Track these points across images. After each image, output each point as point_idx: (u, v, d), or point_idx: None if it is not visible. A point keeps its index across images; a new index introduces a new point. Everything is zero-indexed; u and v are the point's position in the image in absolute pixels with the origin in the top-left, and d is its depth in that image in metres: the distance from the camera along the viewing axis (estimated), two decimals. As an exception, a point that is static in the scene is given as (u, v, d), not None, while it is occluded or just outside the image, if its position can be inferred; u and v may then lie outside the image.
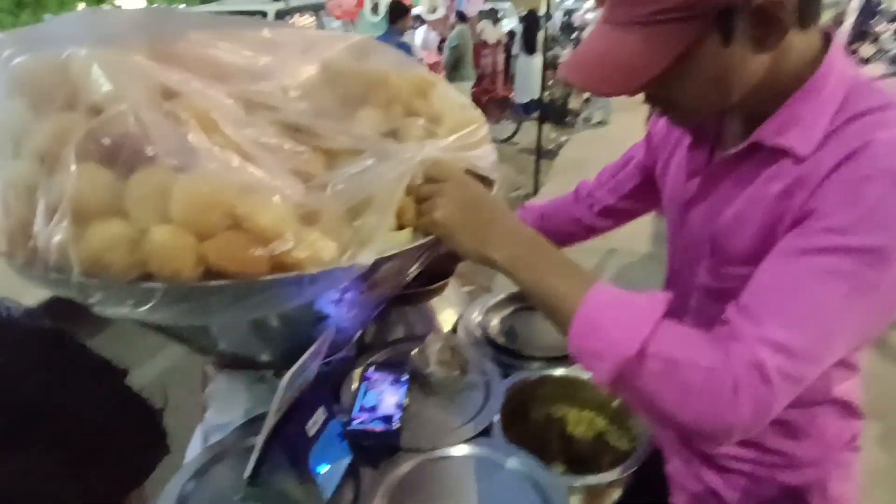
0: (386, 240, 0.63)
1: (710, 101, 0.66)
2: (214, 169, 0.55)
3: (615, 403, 0.97)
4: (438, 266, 1.13)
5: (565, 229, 1.13)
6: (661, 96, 0.67)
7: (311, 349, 0.67)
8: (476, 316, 1.14)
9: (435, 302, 1.15)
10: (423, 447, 0.83)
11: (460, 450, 0.84)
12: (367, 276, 0.65)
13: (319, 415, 0.74)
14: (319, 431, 0.73)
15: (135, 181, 0.52)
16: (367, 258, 0.58)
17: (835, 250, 0.57)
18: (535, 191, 4.87)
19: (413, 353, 0.98)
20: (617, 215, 1.10)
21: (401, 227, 0.73)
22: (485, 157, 0.88)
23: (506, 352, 1.05)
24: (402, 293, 1.11)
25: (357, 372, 0.98)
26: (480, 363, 1.00)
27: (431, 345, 0.97)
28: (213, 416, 0.87)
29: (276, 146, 0.66)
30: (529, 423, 1.00)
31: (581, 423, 1.00)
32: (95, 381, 0.32)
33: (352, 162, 0.75)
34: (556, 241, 1.05)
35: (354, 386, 0.94)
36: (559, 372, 1.01)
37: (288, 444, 0.69)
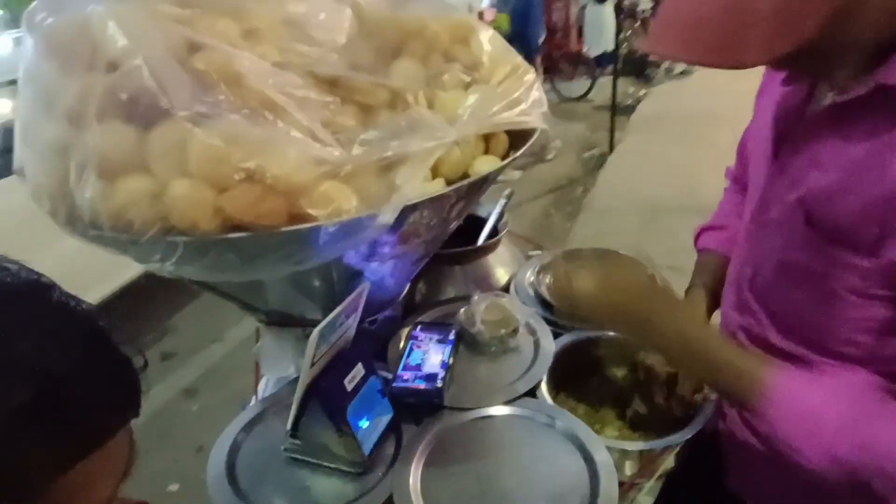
0: (413, 190, 0.60)
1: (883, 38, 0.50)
2: (232, 121, 0.54)
3: (672, 369, 0.90)
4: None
5: None
6: (823, 47, 0.50)
7: (344, 304, 0.67)
8: (529, 275, 1.10)
9: (487, 261, 1.11)
10: (466, 406, 0.82)
11: (504, 410, 0.82)
12: (396, 227, 0.63)
13: (358, 371, 0.74)
14: (358, 387, 0.74)
15: (154, 136, 0.53)
16: (388, 210, 0.55)
17: None
18: (611, 149, 4.65)
19: (460, 312, 0.96)
20: None
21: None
22: (531, 108, 0.82)
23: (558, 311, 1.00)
24: (451, 252, 1.09)
25: (404, 331, 0.97)
26: (530, 323, 0.97)
27: (478, 304, 0.95)
28: (265, 372, 0.90)
29: (304, 97, 0.65)
30: (582, 386, 0.95)
31: (636, 387, 0.94)
32: (46, 325, 0.31)
33: (388, 116, 0.73)
34: None
35: (401, 345, 0.94)
36: (613, 333, 0.95)
37: (325, 398, 0.70)
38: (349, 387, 0.72)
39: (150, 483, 2.00)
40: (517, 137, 0.84)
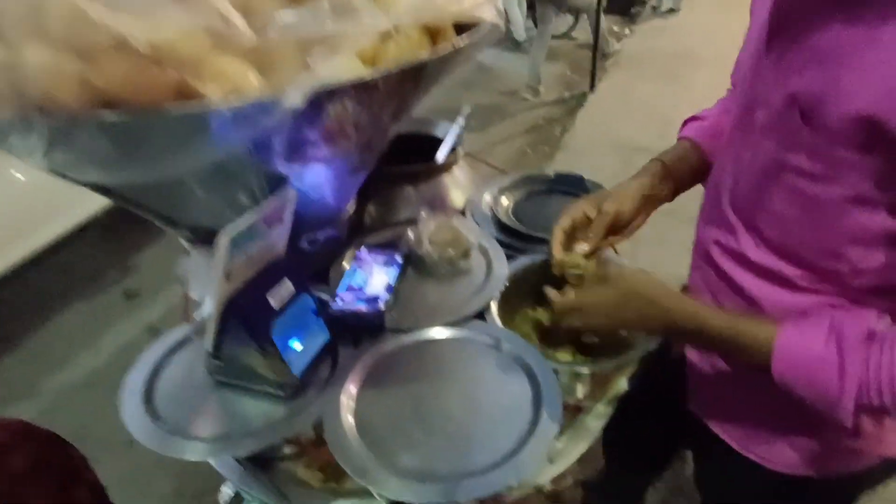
0: (326, 72, 0.52)
1: None
2: (103, -21, 0.45)
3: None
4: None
5: None
6: None
7: (262, 209, 0.60)
8: (486, 197, 1.03)
9: (441, 181, 1.04)
10: (408, 328, 0.77)
11: (448, 332, 0.77)
12: (315, 119, 0.55)
13: (286, 287, 0.68)
14: (286, 305, 0.68)
15: (4, -8, 0.43)
16: (295, 92, 0.48)
17: None
18: (591, 88, 4.52)
19: (408, 232, 0.90)
20: None
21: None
22: (482, 0, 0.73)
23: (515, 234, 0.95)
24: (403, 170, 1.02)
25: (349, 252, 0.91)
26: (484, 245, 0.91)
27: (427, 223, 0.89)
28: (192, 293, 0.83)
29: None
30: (538, 309, 0.91)
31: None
32: None
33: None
34: None
35: (344, 266, 0.88)
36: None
37: (245, 315, 0.64)
38: (275, 304, 0.66)
39: (113, 418, 1.97)
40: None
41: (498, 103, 4.40)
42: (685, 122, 0.86)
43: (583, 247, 0.72)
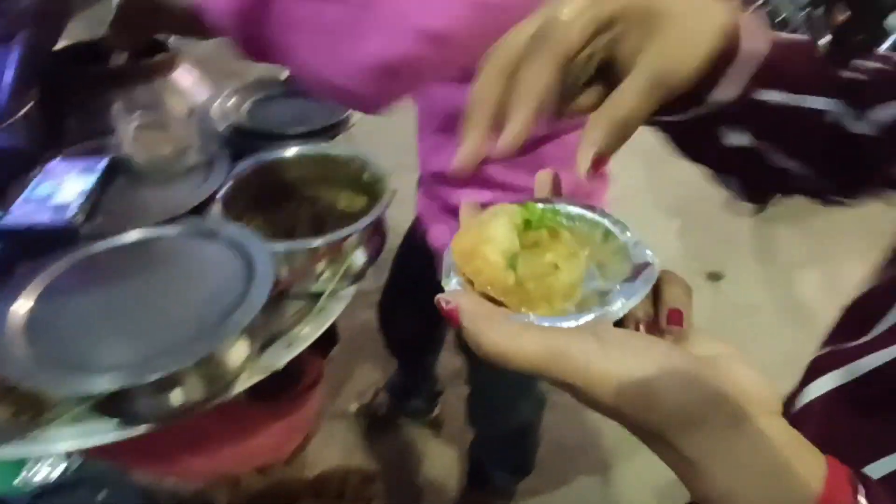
0: None
1: None
2: None
3: (366, 177, 0.85)
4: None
5: None
6: None
7: None
8: (218, 101, 0.94)
9: (158, 86, 0.92)
10: (106, 233, 0.67)
11: (156, 231, 0.69)
12: None
13: None
14: None
15: None
16: None
17: None
18: None
19: (113, 134, 0.79)
20: None
21: None
22: None
23: (245, 133, 0.88)
24: (104, 71, 0.88)
25: (40, 168, 0.77)
26: (206, 146, 0.83)
27: (130, 121, 0.78)
28: None
29: None
30: (278, 211, 0.86)
31: (337, 202, 0.88)
32: None
33: None
34: None
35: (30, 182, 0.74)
36: (310, 150, 0.86)
37: None
38: None
39: None
40: None
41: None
42: None
43: None
